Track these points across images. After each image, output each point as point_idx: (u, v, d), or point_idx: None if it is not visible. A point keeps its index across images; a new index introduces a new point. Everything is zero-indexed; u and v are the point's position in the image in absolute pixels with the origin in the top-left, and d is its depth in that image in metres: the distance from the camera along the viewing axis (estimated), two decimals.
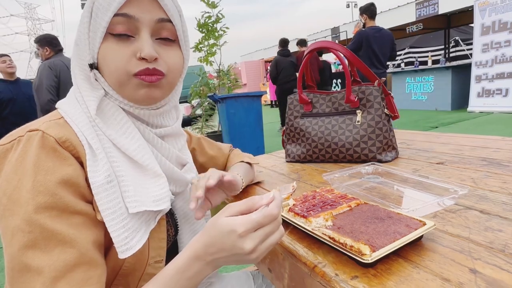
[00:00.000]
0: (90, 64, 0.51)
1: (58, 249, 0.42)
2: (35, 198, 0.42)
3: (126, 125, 0.53)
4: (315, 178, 0.91)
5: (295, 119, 1.10)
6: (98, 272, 0.44)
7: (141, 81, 0.51)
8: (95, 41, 0.50)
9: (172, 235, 0.62)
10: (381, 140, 0.97)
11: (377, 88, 0.98)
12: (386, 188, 0.77)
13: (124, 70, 0.51)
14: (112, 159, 0.50)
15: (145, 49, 0.50)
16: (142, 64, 0.51)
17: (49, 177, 0.43)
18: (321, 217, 0.56)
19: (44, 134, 0.45)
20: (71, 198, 0.44)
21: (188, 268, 0.45)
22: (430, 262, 0.45)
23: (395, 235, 0.49)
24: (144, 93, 0.53)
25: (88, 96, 0.52)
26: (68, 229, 0.43)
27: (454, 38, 11.04)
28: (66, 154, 0.46)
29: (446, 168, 0.86)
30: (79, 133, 0.48)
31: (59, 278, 0.40)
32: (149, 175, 0.54)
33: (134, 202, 0.49)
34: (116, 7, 0.48)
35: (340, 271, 0.46)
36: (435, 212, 0.60)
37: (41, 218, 0.41)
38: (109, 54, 0.50)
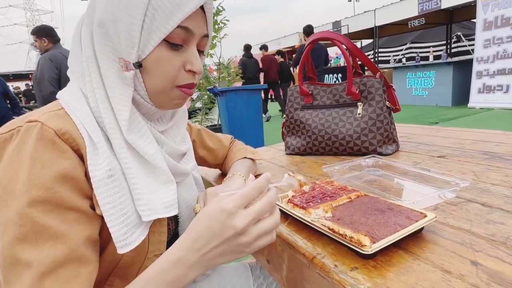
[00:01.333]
0: (136, 63, 0.49)
1: (48, 244, 0.41)
2: (29, 191, 0.41)
3: (143, 129, 0.53)
4: (315, 171, 0.90)
5: (295, 111, 1.09)
6: (88, 269, 0.43)
7: (182, 93, 0.54)
8: (148, 43, 0.48)
9: (173, 229, 0.62)
10: (382, 133, 0.96)
11: (379, 80, 0.97)
12: (387, 180, 0.76)
13: (171, 80, 0.51)
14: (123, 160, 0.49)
15: (197, 64, 0.52)
16: (188, 78, 0.53)
17: (45, 170, 0.42)
18: (320, 209, 0.55)
19: (43, 126, 0.44)
20: (67, 194, 0.43)
21: (168, 271, 0.43)
22: (431, 254, 0.44)
23: (396, 226, 0.48)
24: (178, 103, 0.56)
25: (119, 95, 0.50)
26: (61, 224, 0.42)
27: (456, 33, 10.97)
28: (64, 147, 0.44)
29: (447, 162, 0.85)
30: (79, 125, 0.47)
31: (47, 274, 0.40)
32: (162, 180, 0.54)
33: (147, 211, 0.49)
34: (180, 19, 0.48)
35: (339, 262, 0.45)
36: (436, 205, 0.60)
37: (33, 212, 0.40)
38: (161, 62, 0.50)
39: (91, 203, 0.46)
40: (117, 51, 0.50)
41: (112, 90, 0.50)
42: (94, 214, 0.46)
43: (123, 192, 0.48)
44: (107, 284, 0.51)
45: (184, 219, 0.64)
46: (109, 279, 0.51)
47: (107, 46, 0.50)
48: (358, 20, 11.09)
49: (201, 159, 0.85)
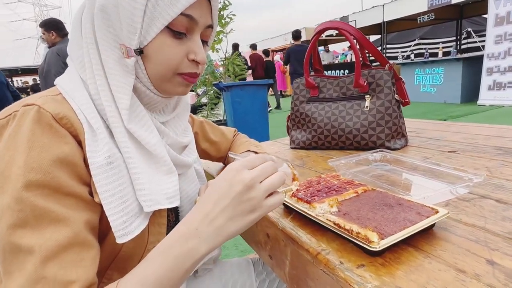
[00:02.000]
0: (137, 49, 0.48)
1: (51, 227, 0.39)
2: (27, 175, 0.39)
3: (145, 118, 0.52)
4: (320, 165, 0.87)
5: (300, 104, 1.06)
6: (91, 254, 0.42)
7: (184, 81, 0.53)
8: (151, 29, 0.47)
9: (173, 220, 0.60)
10: (390, 127, 0.93)
11: (388, 72, 0.93)
12: (395, 175, 0.73)
13: (173, 69, 0.51)
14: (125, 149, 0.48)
15: (200, 54, 0.52)
16: (191, 67, 0.52)
17: (44, 154, 0.41)
18: (325, 203, 0.53)
19: (40, 109, 0.42)
20: (66, 179, 0.42)
21: (175, 245, 0.41)
22: (443, 252, 0.42)
23: (405, 222, 0.45)
24: (182, 90, 0.55)
25: (119, 82, 0.48)
26: (61, 208, 0.41)
27: (466, 29, 10.76)
28: (63, 132, 0.43)
29: (458, 157, 0.82)
30: (77, 110, 0.46)
31: (50, 258, 0.38)
32: (163, 171, 0.53)
33: (149, 201, 0.48)
34: (184, 6, 0.47)
35: (345, 259, 0.43)
36: (447, 201, 0.57)
37: (31, 196, 0.39)
38: (163, 49, 0.49)
39: (90, 190, 0.45)
40: (119, 37, 0.48)
41: (113, 77, 0.48)
42: (93, 201, 0.45)
43: (122, 180, 0.46)
44: (106, 277, 0.50)
45: (185, 211, 0.62)
46: (107, 272, 0.50)
47: (109, 32, 0.48)
48: (366, 15, 10.94)
49: (203, 152, 0.83)
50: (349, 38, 0.92)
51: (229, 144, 0.88)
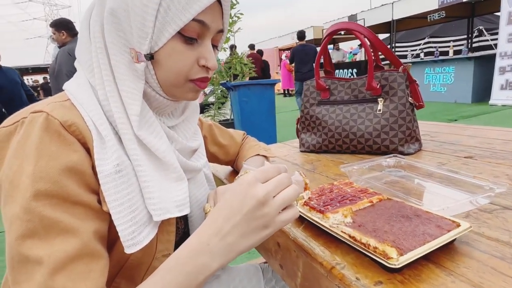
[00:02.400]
0: (148, 54, 0.47)
1: (59, 238, 0.39)
2: (35, 185, 0.39)
3: (154, 124, 0.51)
4: (331, 170, 0.85)
5: (311, 107, 1.04)
6: (100, 265, 0.41)
7: (195, 86, 0.52)
8: (162, 35, 0.46)
9: (182, 228, 0.59)
10: (404, 131, 0.90)
11: (402, 74, 0.91)
12: (409, 182, 0.71)
13: (184, 75, 0.50)
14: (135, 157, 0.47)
15: (211, 60, 0.51)
16: (202, 72, 0.51)
17: (52, 163, 0.40)
18: (339, 213, 0.51)
19: (48, 116, 0.42)
20: (74, 188, 0.41)
21: (187, 261, 0.40)
22: (466, 269, 0.39)
23: (425, 236, 0.43)
24: (192, 96, 0.54)
25: (129, 88, 0.47)
26: (70, 218, 0.40)
27: (477, 27, 10.56)
28: (71, 139, 0.42)
29: (476, 163, 0.79)
30: (86, 117, 0.45)
31: (59, 270, 0.37)
32: (173, 178, 0.52)
33: (159, 210, 0.47)
34: (197, 11, 0.46)
35: (361, 274, 0.41)
36: (467, 212, 0.54)
37: (40, 206, 0.38)
38: (174, 55, 0.48)
39: (98, 199, 0.44)
40: (129, 42, 0.47)
41: (123, 83, 0.47)
42: (102, 209, 0.44)
43: (131, 188, 0.45)
44: (113, 286, 0.49)
45: (195, 218, 0.61)
46: (115, 280, 0.49)
47: (119, 36, 0.47)
48: (375, 13, 10.81)
49: (212, 156, 0.82)
50: (361, 40, 0.90)
51: (238, 148, 0.86)
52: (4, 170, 0.41)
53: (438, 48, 9.56)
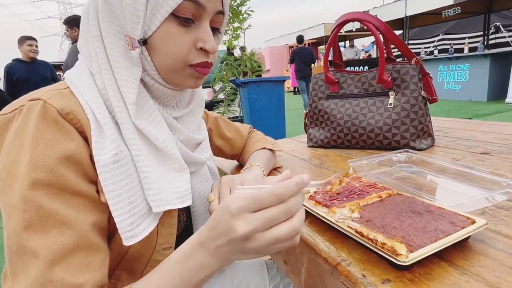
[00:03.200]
0: (141, 39, 0.45)
1: (55, 230, 0.38)
2: (32, 174, 0.38)
3: (154, 113, 0.49)
4: (339, 165, 0.83)
5: (319, 101, 1.01)
6: (99, 257, 0.41)
7: (195, 72, 0.50)
8: (155, 18, 0.44)
9: (183, 221, 0.58)
10: (416, 125, 0.87)
11: (414, 66, 0.87)
12: (421, 178, 0.68)
13: (182, 59, 0.48)
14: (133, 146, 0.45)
15: (210, 42, 0.48)
16: (201, 56, 0.49)
17: (48, 151, 0.39)
18: (346, 208, 0.49)
19: (45, 104, 0.41)
20: (72, 177, 0.40)
21: (191, 256, 0.38)
22: (482, 268, 0.37)
23: (437, 233, 0.40)
24: (193, 83, 0.51)
25: (125, 76, 0.46)
26: (67, 209, 0.39)
27: (494, 23, 10.26)
28: (68, 127, 0.41)
29: (492, 159, 0.75)
30: (85, 105, 0.44)
31: (56, 262, 0.37)
32: (174, 168, 0.51)
33: (158, 201, 0.46)
34: None
35: (368, 271, 0.39)
36: (483, 208, 0.51)
37: (37, 196, 0.38)
38: (169, 38, 0.46)
39: (97, 189, 0.43)
40: (123, 28, 0.46)
41: (118, 71, 0.46)
42: (101, 200, 0.43)
43: (130, 179, 0.44)
44: (114, 277, 0.48)
45: (198, 211, 0.60)
46: (115, 272, 0.48)
47: (113, 23, 0.46)
48: (387, 9, 10.62)
49: (217, 149, 0.81)
50: (372, 30, 0.86)
51: (244, 141, 0.85)
52: (1, 158, 0.41)
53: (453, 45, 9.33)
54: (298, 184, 0.35)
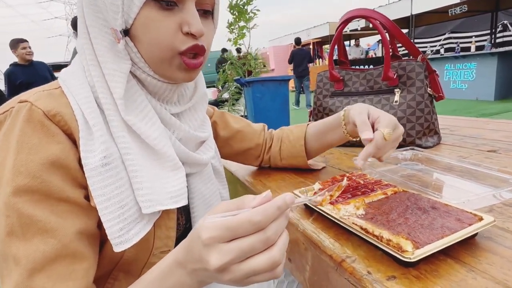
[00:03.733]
0: (123, 30, 0.43)
1: (37, 238, 0.37)
2: (15, 179, 0.37)
3: (146, 108, 0.47)
4: (344, 163, 0.82)
5: (324, 98, 1.01)
6: (83, 265, 0.39)
7: (183, 63, 0.46)
8: (133, 4, 0.42)
9: (183, 224, 0.55)
10: (422, 123, 0.86)
11: (421, 63, 0.86)
12: (427, 176, 0.67)
13: (169, 46, 0.44)
14: (123, 144, 0.43)
15: (195, 24, 0.44)
16: (189, 41, 0.45)
17: (32, 156, 0.38)
18: (351, 205, 0.48)
19: (32, 106, 0.40)
20: (57, 183, 0.39)
21: (169, 275, 0.37)
22: (489, 266, 0.36)
23: (444, 230, 0.40)
24: (184, 76, 0.48)
25: (112, 70, 0.44)
26: (50, 216, 0.38)
27: (502, 22, 10.13)
28: (55, 130, 0.40)
29: (499, 157, 0.74)
30: (75, 106, 0.42)
31: (37, 271, 0.36)
32: (169, 167, 0.48)
33: (148, 202, 0.43)
34: None
35: (373, 268, 0.38)
36: (490, 206, 0.51)
37: (19, 202, 0.37)
38: (151, 24, 0.43)
39: (86, 193, 0.42)
40: (107, 21, 0.45)
41: (105, 65, 0.45)
42: (90, 205, 0.42)
43: (120, 182, 0.42)
44: (111, 277, 0.47)
45: (199, 214, 0.57)
46: (112, 273, 0.47)
47: (98, 17, 0.45)
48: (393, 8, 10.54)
49: (225, 142, 0.74)
50: (378, 27, 0.86)
51: (258, 137, 0.77)
52: None
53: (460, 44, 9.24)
54: (280, 208, 0.31)
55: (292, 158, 0.75)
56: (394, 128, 0.53)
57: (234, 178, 0.84)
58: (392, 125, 0.53)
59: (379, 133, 0.52)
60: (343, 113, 0.65)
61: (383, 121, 0.54)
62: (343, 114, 0.64)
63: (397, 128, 0.54)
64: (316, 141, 0.73)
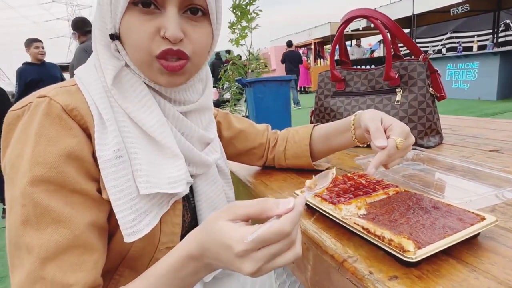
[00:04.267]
0: (111, 34, 0.45)
1: (50, 228, 0.38)
2: (32, 170, 0.39)
3: (145, 98, 0.48)
4: (346, 163, 0.82)
5: (325, 99, 1.01)
6: (94, 257, 0.41)
7: (161, 67, 0.46)
8: (117, 9, 0.44)
9: (188, 221, 0.56)
10: (424, 123, 0.86)
11: (422, 63, 0.86)
12: (429, 176, 0.67)
13: (146, 50, 0.45)
14: (126, 134, 0.45)
15: (170, 27, 0.44)
16: (164, 44, 0.45)
17: (50, 148, 0.40)
18: (353, 205, 0.48)
19: (51, 101, 0.42)
20: (72, 174, 0.40)
21: (182, 267, 0.39)
22: (491, 265, 0.36)
23: (446, 230, 0.40)
24: (166, 80, 0.48)
25: (105, 64, 0.47)
26: (64, 207, 0.39)
27: (504, 21, 10.09)
28: (71, 124, 0.42)
29: (502, 156, 0.74)
30: (90, 101, 0.44)
31: (49, 260, 0.37)
32: (167, 154, 0.49)
33: (145, 183, 0.44)
34: None
35: (375, 268, 0.38)
36: (493, 206, 0.51)
37: (35, 192, 0.38)
38: (132, 28, 0.44)
39: (98, 187, 0.43)
40: (106, 23, 0.47)
41: (104, 62, 0.48)
42: (101, 198, 0.43)
43: (130, 175, 0.44)
44: (117, 274, 0.48)
45: (204, 214, 0.57)
46: (118, 269, 0.48)
47: (101, 21, 0.47)
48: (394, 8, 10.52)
49: (229, 142, 0.75)
50: (379, 27, 0.86)
51: (261, 137, 0.78)
52: (8, 153, 0.42)
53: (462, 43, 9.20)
54: (301, 213, 0.36)
55: (296, 158, 0.75)
56: (406, 137, 0.53)
57: (236, 179, 0.84)
58: (405, 134, 0.53)
59: (392, 141, 0.52)
60: (353, 117, 0.64)
61: (396, 129, 0.53)
62: (353, 119, 0.64)
63: (409, 137, 0.54)
64: (322, 143, 0.73)
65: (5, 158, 0.42)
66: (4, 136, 0.43)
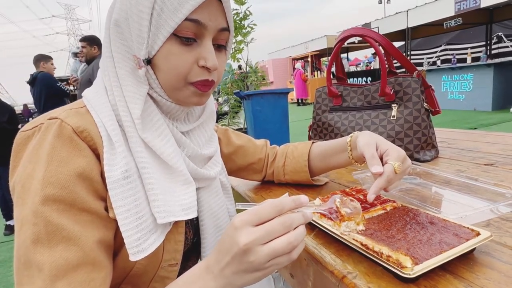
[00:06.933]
0: (146, 59, 0.48)
1: (61, 246, 0.39)
2: (44, 189, 0.40)
3: (161, 127, 0.51)
4: (344, 177, 0.83)
5: (323, 114, 1.03)
6: (102, 274, 0.41)
7: (196, 90, 0.51)
8: (157, 38, 0.46)
9: (190, 238, 0.58)
10: (419, 137, 0.88)
11: (416, 79, 0.89)
12: (426, 190, 0.68)
13: (183, 77, 0.49)
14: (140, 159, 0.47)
15: (211, 59, 0.49)
16: (202, 74, 0.50)
17: (61, 168, 0.41)
18: (352, 220, 0.49)
19: (62, 123, 0.43)
20: (82, 194, 0.42)
21: (196, 280, 0.41)
22: (487, 281, 0.37)
23: (442, 245, 0.41)
24: (196, 100, 0.52)
25: (131, 93, 0.48)
26: (74, 225, 0.40)
27: (496, 33, 10.31)
28: (82, 145, 0.43)
29: (496, 170, 0.76)
30: (99, 123, 0.46)
31: (59, 277, 0.38)
32: (180, 181, 0.52)
33: (163, 212, 0.46)
34: (189, 10, 0.45)
35: (374, 284, 0.39)
36: (488, 220, 0.52)
37: (47, 211, 0.39)
38: (171, 57, 0.48)
39: (105, 205, 0.44)
40: (131, 49, 0.49)
41: (126, 88, 0.49)
42: (108, 217, 0.44)
43: (139, 195, 0.45)
44: None
45: (207, 227, 0.59)
46: (121, 286, 0.49)
47: (122, 44, 0.49)
48: (389, 21, 10.74)
49: (228, 158, 0.76)
50: (374, 45, 0.88)
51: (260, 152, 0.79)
52: (18, 172, 0.43)
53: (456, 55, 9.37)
54: (294, 200, 0.40)
55: (295, 174, 0.77)
56: (403, 161, 0.55)
57: (235, 193, 0.85)
58: (402, 158, 0.55)
59: (389, 166, 0.53)
60: (349, 138, 0.66)
61: (393, 154, 0.55)
62: (350, 140, 0.66)
63: (405, 160, 0.56)
64: (320, 161, 0.75)
65: (14, 177, 0.43)
66: (14, 156, 0.44)
